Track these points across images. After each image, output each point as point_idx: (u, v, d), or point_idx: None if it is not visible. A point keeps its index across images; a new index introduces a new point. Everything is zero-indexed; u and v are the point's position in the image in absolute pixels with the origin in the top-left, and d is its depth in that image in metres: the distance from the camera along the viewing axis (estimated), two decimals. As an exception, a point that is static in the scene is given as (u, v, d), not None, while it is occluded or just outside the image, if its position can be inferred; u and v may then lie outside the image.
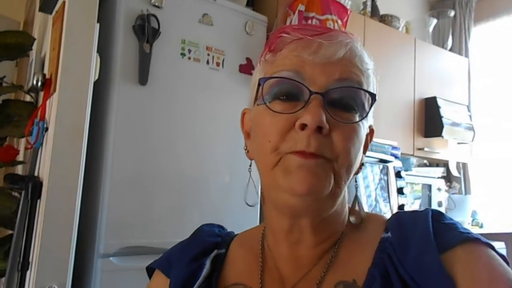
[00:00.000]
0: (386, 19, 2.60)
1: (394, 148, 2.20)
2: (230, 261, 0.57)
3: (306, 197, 0.46)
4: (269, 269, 0.54)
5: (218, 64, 1.61)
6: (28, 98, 1.88)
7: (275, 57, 0.50)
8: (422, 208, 2.34)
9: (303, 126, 0.45)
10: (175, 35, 1.52)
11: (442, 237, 0.46)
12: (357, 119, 0.48)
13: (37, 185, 1.23)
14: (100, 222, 1.35)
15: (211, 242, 0.59)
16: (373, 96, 0.49)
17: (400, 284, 0.45)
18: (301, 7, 1.75)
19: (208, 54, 1.59)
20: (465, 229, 0.48)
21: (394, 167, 2.17)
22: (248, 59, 1.69)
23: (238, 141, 0.50)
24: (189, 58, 1.54)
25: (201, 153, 1.56)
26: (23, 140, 1.95)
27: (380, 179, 2.13)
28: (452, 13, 3.01)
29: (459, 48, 3.02)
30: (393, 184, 2.15)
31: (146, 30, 1.43)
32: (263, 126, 0.49)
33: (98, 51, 1.32)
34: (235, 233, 0.64)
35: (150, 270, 0.63)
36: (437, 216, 0.49)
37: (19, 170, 1.87)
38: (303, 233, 0.51)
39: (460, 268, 0.44)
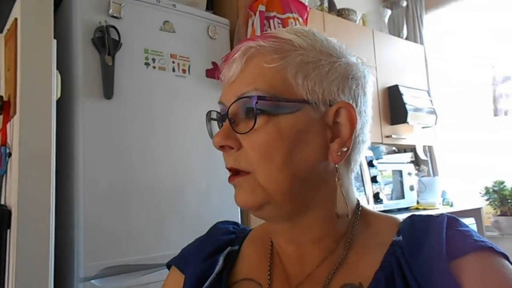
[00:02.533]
0: (343, 13, 2.66)
1: (364, 138, 2.25)
2: (242, 257, 0.58)
3: (252, 210, 0.49)
4: (277, 265, 0.55)
5: (184, 71, 1.58)
6: (-16, 123, 1.77)
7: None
8: (394, 194, 2.41)
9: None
10: (137, 45, 1.48)
11: (455, 244, 0.45)
12: (260, 124, 0.46)
13: (5, 215, 1.16)
14: (77, 245, 1.29)
15: (224, 240, 0.60)
16: (261, 97, 0.46)
17: None
18: (262, 8, 1.75)
19: (173, 62, 1.56)
20: (480, 237, 0.47)
21: (366, 157, 2.22)
22: (214, 64, 1.67)
23: (211, 145, 0.50)
24: (154, 67, 1.51)
25: (175, 161, 1.53)
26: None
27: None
28: (404, 3, 3.12)
29: (414, 36, 3.13)
30: (367, 173, 2.20)
31: (106, 42, 1.38)
32: None
33: (57, 68, 1.27)
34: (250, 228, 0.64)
35: (168, 266, 0.64)
36: (452, 222, 0.48)
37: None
38: (294, 233, 0.52)
39: (470, 276, 0.43)
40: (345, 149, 0.48)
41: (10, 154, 1.23)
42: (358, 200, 0.56)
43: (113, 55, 1.39)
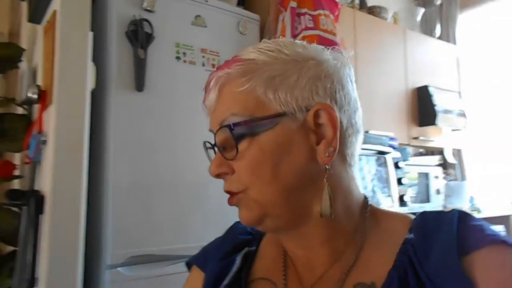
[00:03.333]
0: (374, 11, 2.61)
1: (391, 139, 2.21)
2: (259, 257, 0.59)
3: (254, 225, 0.51)
4: (290, 267, 0.55)
5: (213, 66, 1.60)
6: (19, 110, 1.84)
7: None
8: (419, 196, 2.36)
9: None
10: (169, 39, 1.50)
11: (467, 239, 0.45)
12: (244, 146, 0.48)
13: (40, 200, 1.21)
14: (105, 233, 1.33)
15: (242, 239, 0.61)
16: (236, 123, 0.48)
17: (418, 287, 0.44)
18: (293, 4, 1.74)
19: (203, 56, 1.57)
20: (493, 231, 0.46)
21: (392, 158, 2.18)
22: (243, 59, 1.68)
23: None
24: (185, 61, 1.53)
25: (200, 155, 1.54)
26: (16, 155, 1.91)
27: (377, 170, 2.14)
28: (438, 2, 3.03)
29: (447, 35, 3.05)
30: (393, 175, 2.16)
31: (139, 35, 1.41)
32: None
33: (92, 60, 1.30)
34: None
35: (188, 264, 0.66)
36: (464, 217, 0.48)
37: (15, 185, 1.84)
38: (300, 239, 0.52)
39: (483, 271, 0.43)
40: (332, 149, 0.48)
41: (45, 142, 1.27)
42: (366, 197, 0.55)
43: (145, 48, 1.42)
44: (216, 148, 0.52)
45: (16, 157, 1.88)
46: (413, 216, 0.53)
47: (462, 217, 0.48)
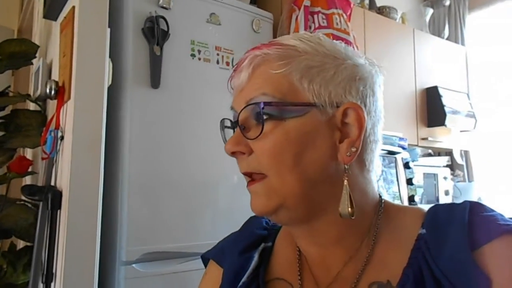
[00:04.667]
0: (384, 11, 2.60)
1: (401, 139, 2.21)
2: (275, 255, 0.59)
3: (268, 215, 0.50)
4: (305, 266, 0.55)
5: (227, 64, 1.60)
6: (32, 107, 1.84)
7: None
8: (425, 198, 2.34)
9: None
10: (184, 36, 1.50)
11: (479, 231, 0.44)
12: (269, 128, 0.48)
13: (57, 196, 1.21)
14: (120, 229, 1.33)
15: (259, 235, 0.61)
16: (267, 103, 0.47)
17: (433, 284, 0.44)
18: (307, 2, 1.74)
19: (218, 54, 1.58)
20: (506, 220, 0.45)
21: (402, 158, 2.18)
22: (256, 57, 1.68)
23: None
24: (199, 59, 1.53)
25: (212, 154, 1.54)
26: (29, 150, 1.92)
27: (383, 171, 2.13)
28: (447, 2, 3.03)
29: (455, 36, 3.04)
30: (402, 175, 2.15)
31: (155, 32, 1.41)
32: None
33: (109, 56, 1.30)
34: None
35: (204, 259, 0.66)
36: (476, 208, 0.47)
37: (28, 181, 1.84)
38: (313, 236, 0.52)
39: (497, 263, 0.42)
40: (354, 149, 0.48)
41: (62, 138, 1.27)
42: (380, 196, 0.55)
43: (161, 45, 1.42)
44: (236, 127, 0.51)
45: (29, 152, 1.89)
46: (426, 210, 0.52)
47: (473, 208, 0.47)
